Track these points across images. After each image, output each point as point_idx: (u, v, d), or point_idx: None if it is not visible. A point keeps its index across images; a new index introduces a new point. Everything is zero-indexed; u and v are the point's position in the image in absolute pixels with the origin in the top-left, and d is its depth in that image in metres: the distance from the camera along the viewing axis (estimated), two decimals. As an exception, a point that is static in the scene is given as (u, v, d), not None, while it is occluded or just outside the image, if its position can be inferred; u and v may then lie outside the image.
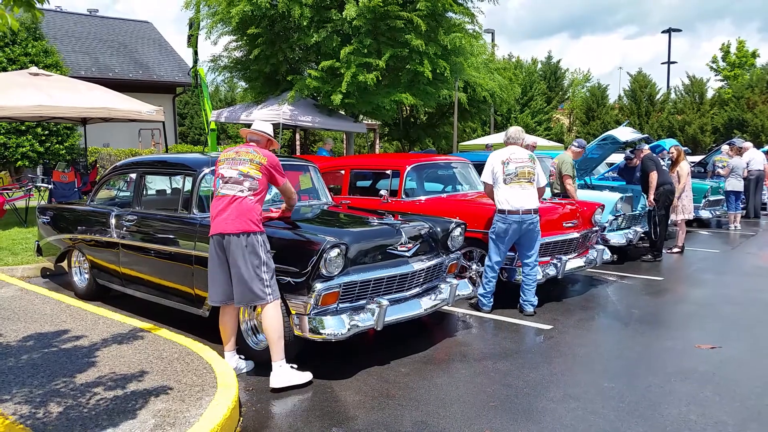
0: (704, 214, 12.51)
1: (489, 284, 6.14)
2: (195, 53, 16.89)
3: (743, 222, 13.11)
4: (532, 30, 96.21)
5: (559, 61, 35.83)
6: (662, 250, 9.05)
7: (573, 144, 8.47)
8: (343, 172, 7.87)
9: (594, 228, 7.20)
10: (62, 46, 20.88)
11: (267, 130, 4.57)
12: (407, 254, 4.86)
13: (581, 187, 9.99)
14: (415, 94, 12.84)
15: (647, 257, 9.05)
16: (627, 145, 10.26)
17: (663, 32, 33.14)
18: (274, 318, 4.20)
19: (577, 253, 6.99)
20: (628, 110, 30.03)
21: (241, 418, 3.78)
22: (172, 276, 5.32)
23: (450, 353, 5.01)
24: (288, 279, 4.33)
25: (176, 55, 25.24)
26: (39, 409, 3.54)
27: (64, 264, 6.93)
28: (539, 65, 35.26)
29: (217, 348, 4.70)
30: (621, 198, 8.66)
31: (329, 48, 12.14)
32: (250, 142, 4.49)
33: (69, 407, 3.57)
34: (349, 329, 4.31)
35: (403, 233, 4.88)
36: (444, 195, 7.61)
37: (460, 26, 13.01)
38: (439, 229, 5.30)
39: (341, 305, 4.44)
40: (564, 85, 37.44)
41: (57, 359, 4.39)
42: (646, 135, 11.00)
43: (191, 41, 16.53)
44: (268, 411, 3.93)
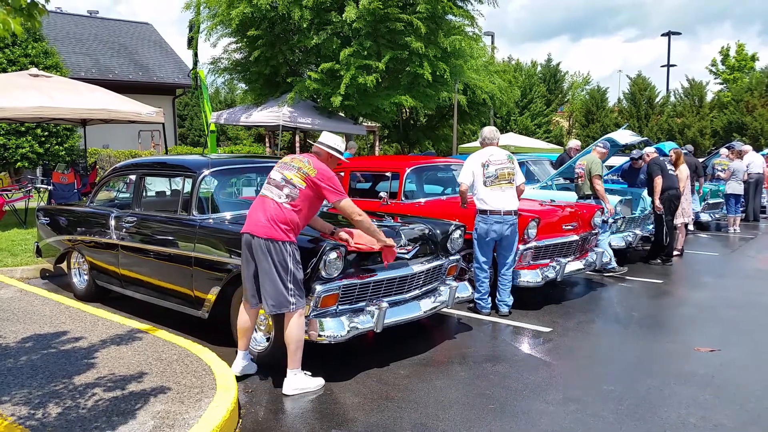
0: (704, 217, 12.51)
1: (482, 286, 6.15)
2: (195, 55, 16.92)
3: (743, 225, 13.12)
4: (532, 32, 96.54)
5: (559, 64, 35.96)
6: (672, 255, 9.02)
7: (598, 144, 8.33)
8: (343, 174, 7.87)
9: (593, 231, 7.21)
10: (62, 48, 20.89)
11: (330, 143, 4.34)
12: (407, 256, 4.86)
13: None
14: (415, 97, 12.86)
15: (656, 261, 9.02)
16: (627, 148, 10.23)
17: (663, 35, 33.28)
18: (295, 327, 4.12)
19: (577, 256, 6.99)
20: (628, 113, 30.06)
21: (240, 420, 3.78)
22: (172, 277, 5.32)
23: (449, 355, 5.01)
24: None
25: (176, 57, 25.26)
26: (38, 410, 3.54)
27: (64, 265, 6.93)
28: (539, 68, 35.32)
29: (217, 350, 4.70)
30: (620, 201, 8.66)
31: (329, 50, 12.15)
32: (312, 153, 4.36)
33: (68, 408, 3.56)
34: (349, 331, 4.31)
35: (403, 235, 4.88)
36: (443, 197, 7.60)
37: (460, 29, 13.03)
38: (439, 232, 5.30)
39: (340, 307, 4.44)
40: (564, 88, 37.50)
41: (56, 360, 4.39)
42: (646, 138, 10.99)
43: (191, 43, 16.54)
44: (267, 413, 3.92)
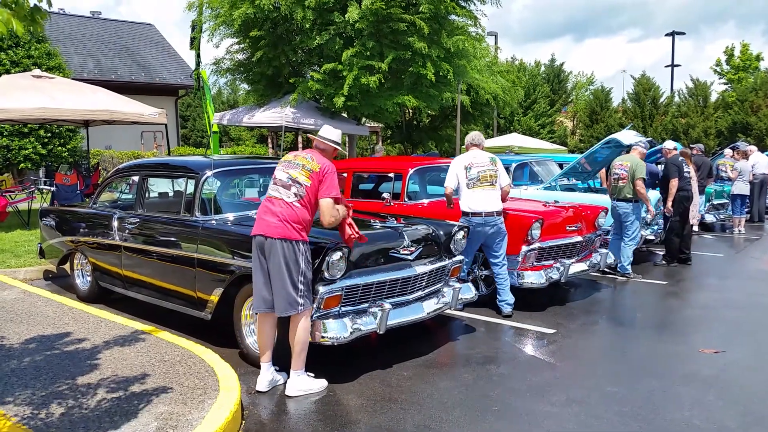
0: (708, 218, 12.46)
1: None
2: (197, 56, 16.92)
3: (747, 226, 13.07)
4: (536, 33, 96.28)
5: (563, 64, 35.91)
6: (675, 256, 9.00)
7: (639, 144, 8.27)
8: (346, 175, 7.87)
9: (597, 232, 7.19)
10: (65, 49, 20.95)
11: (331, 137, 4.31)
12: (410, 257, 4.85)
13: (584, 191, 9.96)
14: (418, 97, 12.84)
15: (674, 263, 9.00)
16: (630, 149, 10.19)
17: (667, 35, 33.31)
18: (303, 329, 4.09)
19: (581, 257, 6.98)
20: (632, 113, 29.98)
21: (243, 422, 3.77)
22: (175, 279, 5.32)
23: (452, 357, 5.00)
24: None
25: (179, 58, 25.29)
26: (41, 411, 3.54)
27: (67, 266, 6.94)
28: (542, 68, 35.26)
29: (219, 351, 4.70)
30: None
31: (332, 50, 12.14)
32: (315, 149, 4.32)
33: (71, 409, 3.57)
34: (352, 333, 4.30)
35: (406, 236, 4.87)
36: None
37: (463, 29, 13.00)
38: (442, 233, 5.29)
39: (344, 308, 4.43)
40: (567, 88, 37.46)
41: (59, 361, 4.39)
42: (650, 138, 10.95)
43: (194, 44, 16.55)
44: (270, 414, 3.92)
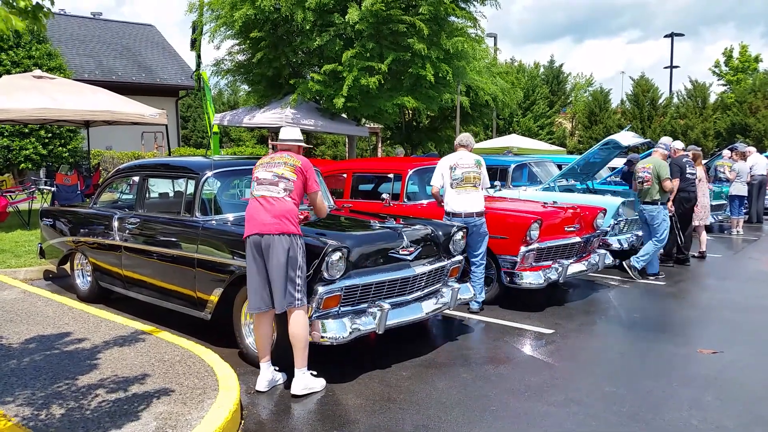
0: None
1: None
2: (198, 57, 16.91)
3: (746, 227, 13.08)
4: (535, 34, 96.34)
5: (562, 65, 35.94)
6: (673, 256, 9.01)
7: (660, 146, 8.25)
8: (345, 176, 7.88)
9: (596, 232, 7.20)
10: (66, 49, 20.97)
11: (295, 137, 4.47)
12: (409, 258, 4.87)
13: (583, 192, 9.98)
14: (418, 98, 12.85)
15: (687, 262, 9.03)
16: (630, 150, 10.22)
17: (666, 36, 33.27)
18: (302, 324, 4.11)
19: (579, 258, 6.99)
20: (631, 114, 30.01)
21: (243, 421, 3.79)
22: (175, 279, 5.33)
23: (451, 357, 5.01)
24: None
25: (179, 59, 25.31)
26: (41, 411, 3.55)
27: (67, 266, 6.95)
28: (542, 69, 35.28)
29: (219, 351, 4.71)
30: (623, 202, 8.65)
31: (332, 52, 12.16)
32: (284, 151, 4.41)
33: (71, 409, 3.58)
34: (351, 333, 4.31)
35: (405, 237, 4.88)
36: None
37: (463, 30, 13.01)
38: (441, 233, 5.30)
39: (343, 309, 4.44)
40: (566, 90, 37.47)
41: (59, 361, 4.41)
42: (648, 140, 10.97)
43: (194, 45, 16.55)
44: (270, 414, 3.93)
